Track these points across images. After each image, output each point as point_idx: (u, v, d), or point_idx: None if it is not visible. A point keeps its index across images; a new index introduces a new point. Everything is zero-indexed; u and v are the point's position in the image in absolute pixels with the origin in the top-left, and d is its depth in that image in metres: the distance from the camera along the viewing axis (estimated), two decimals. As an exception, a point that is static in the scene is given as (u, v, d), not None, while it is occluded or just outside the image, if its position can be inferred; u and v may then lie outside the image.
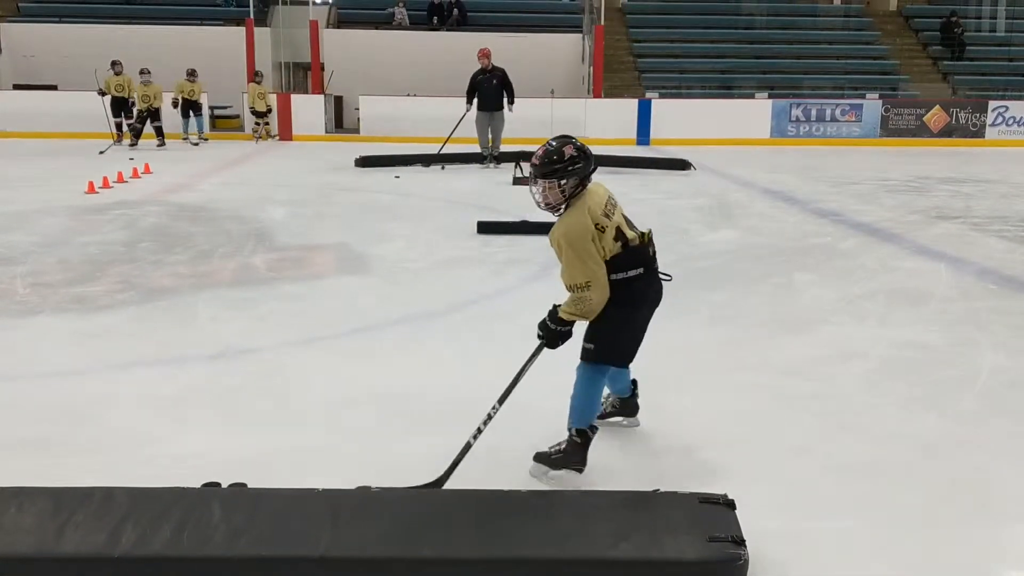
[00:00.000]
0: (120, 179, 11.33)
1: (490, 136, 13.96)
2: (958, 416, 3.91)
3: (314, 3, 21.05)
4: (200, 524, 2.57)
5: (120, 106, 16.43)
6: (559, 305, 3.14)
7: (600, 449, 3.32)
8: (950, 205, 10.35)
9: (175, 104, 17.08)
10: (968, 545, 2.81)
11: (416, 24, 21.59)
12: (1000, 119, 19.22)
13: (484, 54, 13.82)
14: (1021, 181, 12.85)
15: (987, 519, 2.99)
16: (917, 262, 7.23)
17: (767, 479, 3.23)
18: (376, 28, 21.76)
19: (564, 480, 3.18)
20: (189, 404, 3.99)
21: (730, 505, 2.68)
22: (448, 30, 20.84)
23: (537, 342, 3.19)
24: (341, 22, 22.12)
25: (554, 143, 3.17)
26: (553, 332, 3.15)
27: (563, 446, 3.23)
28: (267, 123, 18.35)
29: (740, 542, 2.49)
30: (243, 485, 2.94)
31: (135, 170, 12.21)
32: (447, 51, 13.54)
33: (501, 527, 2.62)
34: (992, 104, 19.34)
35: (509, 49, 20.18)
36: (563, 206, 3.13)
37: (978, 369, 4.53)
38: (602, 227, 3.06)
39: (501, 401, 3.16)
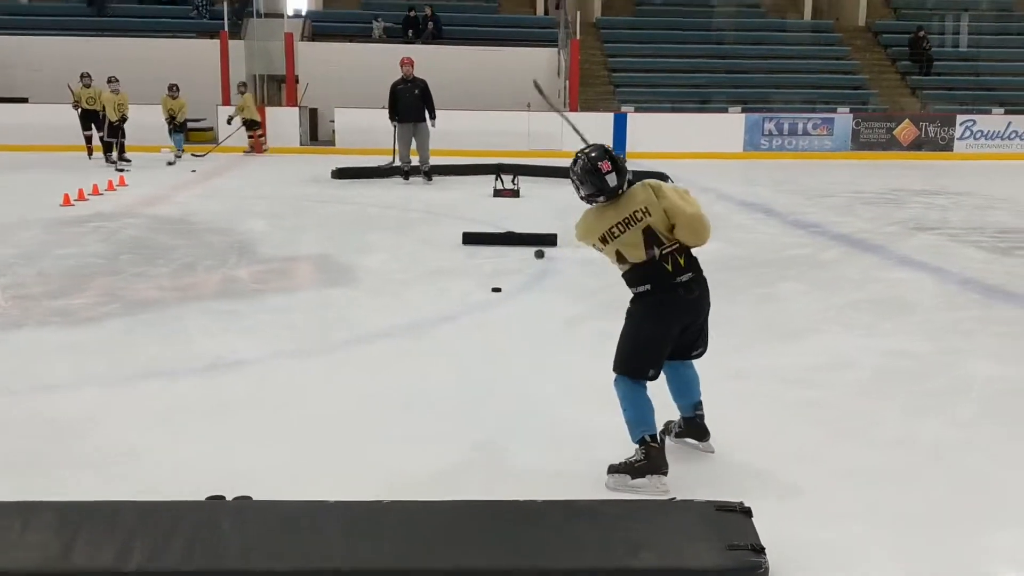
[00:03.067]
0: (96, 191, 11.17)
1: (414, 147, 13.15)
2: (955, 423, 3.94)
3: (288, 16, 20.98)
4: (211, 538, 2.52)
5: (90, 119, 16.18)
6: None
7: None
8: (926, 217, 10.49)
9: (168, 120, 16.99)
10: (979, 548, 2.82)
11: (392, 37, 21.57)
12: (968, 133, 19.53)
13: (407, 62, 13.15)
14: (992, 193, 13.05)
15: (995, 522, 3.00)
16: (899, 272, 7.30)
17: (775, 487, 3.22)
18: (350, 41, 21.71)
19: (648, 487, 3.12)
20: (182, 417, 3.92)
21: (747, 513, 2.67)
22: (423, 44, 20.84)
23: None
24: (316, 35, 22.03)
25: (580, 155, 3.24)
26: None
27: (640, 456, 3.17)
28: (262, 134, 18.24)
29: (760, 550, 2.48)
30: (248, 498, 2.89)
31: (110, 182, 12.05)
32: (422, 64, 13.54)
33: (517, 538, 2.59)
34: (960, 118, 19.64)
35: (485, 63, 20.26)
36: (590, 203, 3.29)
37: (969, 377, 4.58)
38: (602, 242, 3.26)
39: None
